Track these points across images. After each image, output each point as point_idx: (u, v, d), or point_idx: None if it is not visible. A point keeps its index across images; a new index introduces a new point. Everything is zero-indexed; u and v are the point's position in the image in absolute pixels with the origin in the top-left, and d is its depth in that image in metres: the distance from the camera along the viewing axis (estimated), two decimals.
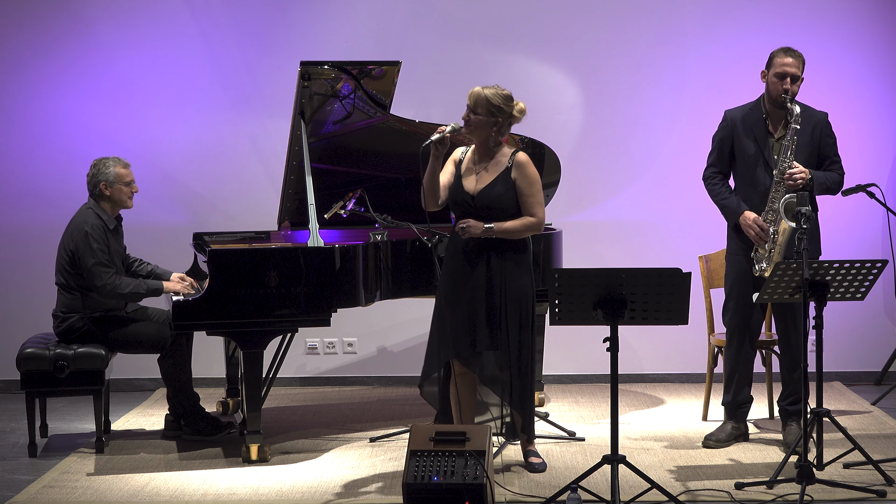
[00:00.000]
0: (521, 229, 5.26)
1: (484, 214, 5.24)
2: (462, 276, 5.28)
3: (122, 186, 6.04)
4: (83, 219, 5.98)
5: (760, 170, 5.73)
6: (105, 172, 6.02)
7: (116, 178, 6.02)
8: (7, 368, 6.90)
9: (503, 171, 5.27)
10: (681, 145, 7.40)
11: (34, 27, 7.37)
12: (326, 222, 6.26)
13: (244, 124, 7.44)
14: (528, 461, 5.47)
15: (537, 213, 5.27)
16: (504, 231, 5.23)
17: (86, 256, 5.87)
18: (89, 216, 5.97)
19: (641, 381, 7.48)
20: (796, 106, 5.61)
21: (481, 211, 5.24)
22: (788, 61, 5.64)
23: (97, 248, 5.88)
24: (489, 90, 5.22)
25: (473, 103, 5.23)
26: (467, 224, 5.21)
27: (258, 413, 5.67)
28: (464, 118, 5.26)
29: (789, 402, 5.87)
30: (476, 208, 5.25)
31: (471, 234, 5.22)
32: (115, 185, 6.02)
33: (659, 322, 4.81)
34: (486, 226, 5.21)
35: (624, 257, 7.32)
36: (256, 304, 5.57)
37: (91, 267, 5.86)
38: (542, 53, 7.43)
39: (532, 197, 5.27)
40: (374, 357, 7.58)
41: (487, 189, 5.25)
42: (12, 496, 5.20)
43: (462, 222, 5.23)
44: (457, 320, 5.28)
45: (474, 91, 5.23)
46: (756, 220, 5.68)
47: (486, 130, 5.25)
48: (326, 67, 5.99)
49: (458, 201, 5.29)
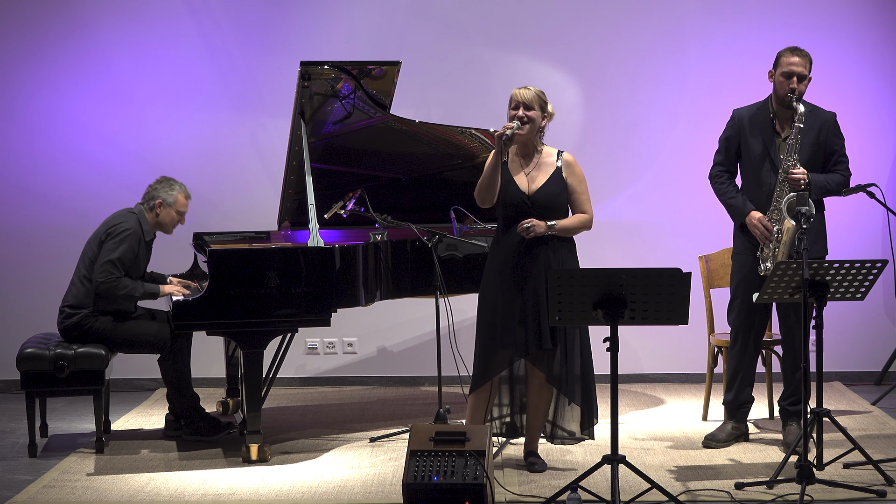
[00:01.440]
0: (579, 226, 5.35)
1: (540, 214, 5.28)
2: (520, 276, 5.27)
3: (174, 213, 6.09)
4: (129, 219, 6.00)
5: (766, 169, 5.73)
6: (169, 193, 6.08)
7: (175, 203, 6.08)
8: (7, 368, 6.90)
9: (554, 171, 5.33)
10: (681, 145, 7.40)
11: (34, 27, 7.37)
12: (326, 222, 6.26)
13: (244, 124, 7.44)
14: (528, 461, 5.48)
15: (588, 209, 5.38)
16: (564, 228, 5.30)
17: (108, 252, 5.90)
18: (130, 220, 5.99)
19: (641, 381, 7.48)
20: (801, 105, 5.61)
21: (538, 210, 5.28)
22: (795, 60, 5.65)
23: (123, 250, 5.90)
24: (533, 88, 5.30)
25: (528, 101, 5.27)
26: (532, 224, 5.23)
27: (258, 413, 5.67)
28: (518, 117, 5.25)
29: (790, 402, 5.86)
30: (533, 208, 5.28)
31: (535, 233, 5.24)
32: (169, 208, 6.07)
33: (659, 322, 4.81)
34: (549, 223, 5.25)
35: (624, 257, 7.32)
36: (256, 304, 5.57)
37: (104, 262, 5.88)
38: (542, 53, 7.43)
39: (584, 195, 5.37)
40: (374, 357, 7.58)
41: (544, 189, 5.30)
42: (12, 496, 5.19)
43: (526, 222, 5.23)
44: (523, 318, 5.26)
45: (521, 91, 5.28)
46: (761, 220, 5.68)
47: (536, 128, 5.32)
48: (326, 67, 5.99)
49: (513, 202, 5.30)
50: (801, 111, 5.60)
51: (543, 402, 5.45)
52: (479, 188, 5.34)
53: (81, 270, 5.98)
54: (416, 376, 7.54)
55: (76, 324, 5.91)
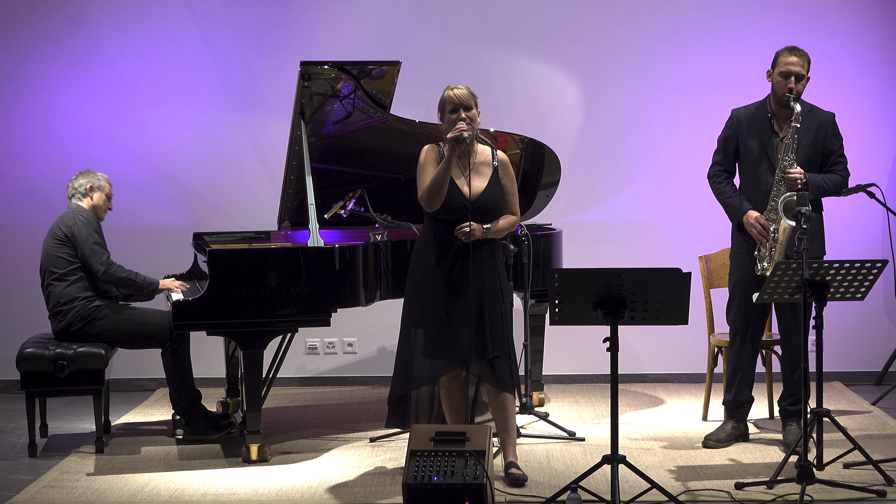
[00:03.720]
0: (509, 228, 5.30)
1: (481, 218, 5.19)
2: (459, 281, 5.17)
3: (103, 195, 6.21)
4: (75, 210, 6.09)
5: (764, 169, 5.73)
6: (94, 178, 6.20)
7: (102, 187, 6.20)
8: (7, 368, 6.90)
9: (493, 173, 5.24)
10: (681, 145, 7.40)
11: (35, 27, 7.37)
12: (326, 222, 6.26)
13: (244, 124, 7.44)
14: (508, 472, 5.28)
15: (517, 210, 5.34)
16: (498, 231, 5.24)
17: (85, 239, 5.97)
18: (80, 210, 6.09)
19: (641, 381, 7.48)
20: (798, 105, 5.61)
21: (479, 214, 5.19)
22: (793, 60, 5.64)
23: (93, 230, 6.01)
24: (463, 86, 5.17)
25: (465, 100, 5.12)
26: (471, 227, 5.14)
27: (258, 413, 5.67)
28: (464, 118, 5.12)
29: (790, 402, 5.86)
30: (475, 212, 5.18)
31: (475, 237, 5.15)
32: (100, 192, 6.18)
33: (659, 322, 4.81)
34: (485, 227, 5.18)
35: (624, 257, 7.32)
36: (256, 304, 5.57)
37: (92, 246, 5.96)
38: (542, 54, 7.43)
39: (515, 196, 5.31)
40: (374, 357, 7.58)
41: (487, 194, 5.21)
42: (12, 496, 5.19)
43: (465, 226, 5.13)
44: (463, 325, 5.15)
45: (455, 92, 5.13)
46: (758, 219, 5.68)
47: (476, 125, 5.21)
48: (326, 67, 5.99)
49: (455, 206, 5.17)
50: (798, 110, 5.60)
51: (504, 410, 5.26)
52: (428, 193, 5.14)
53: (55, 272, 6.00)
54: None
55: (77, 316, 5.92)
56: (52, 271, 6.00)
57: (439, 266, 5.21)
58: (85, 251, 5.96)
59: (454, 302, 5.19)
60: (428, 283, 5.23)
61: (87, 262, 5.96)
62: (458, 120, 5.12)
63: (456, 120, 5.13)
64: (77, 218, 6.01)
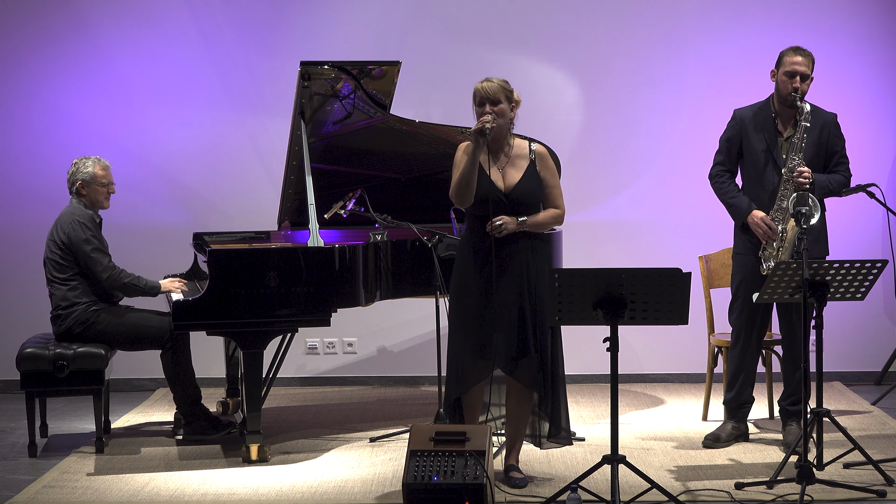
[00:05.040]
0: (550, 222, 5.19)
1: (518, 211, 5.10)
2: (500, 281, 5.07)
3: (98, 187, 6.09)
4: (71, 211, 6.05)
5: (769, 169, 5.73)
6: (83, 172, 6.08)
7: (93, 179, 6.08)
8: (7, 368, 6.90)
9: (529, 165, 5.15)
10: (681, 145, 7.40)
11: (34, 27, 7.37)
12: (326, 222, 6.26)
13: (244, 124, 7.44)
14: (508, 475, 5.24)
15: (561, 204, 5.20)
16: (535, 225, 5.12)
17: (82, 244, 5.93)
18: (77, 209, 6.04)
19: (641, 381, 7.48)
20: (806, 104, 5.61)
21: (514, 207, 5.10)
22: (798, 60, 5.64)
23: (91, 235, 5.95)
24: (496, 79, 5.11)
25: (492, 94, 5.05)
26: (503, 221, 5.05)
27: (258, 413, 5.67)
28: (488, 112, 5.04)
29: (790, 402, 5.86)
30: (510, 205, 5.10)
31: (507, 231, 5.05)
32: (92, 185, 6.08)
33: (659, 322, 4.81)
34: (520, 220, 5.08)
35: (624, 257, 7.32)
36: (256, 304, 5.57)
37: (91, 253, 5.92)
38: (542, 53, 7.43)
39: (557, 188, 5.19)
40: (374, 357, 7.58)
41: (521, 185, 5.11)
42: (12, 496, 5.19)
43: (497, 220, 5.04)
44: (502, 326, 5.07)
45: (483, 85, 5.07)
46: (763, 219, 5.67)
47: (506, 119, 5.11)
48: (326, 67, 5.99)
49: (489, 199, 5.08)
50: (807, 110, 5.60)
51: (524, 412, 5.25)
52: (457, 188, 5.08)
53: (54, 275, 5.99)
54: (416, 376, 7.54)
55: (78, 320, 5.92)
56: (52, 273, 6.00)
57: (475, 264, 5.13)
58: (84, 260, 5.94)
59: (489, 303, 5.09)
60: (466, 283, 5.16)
61: (88, 270, 5.95)
62: (485, 113, 5.05)
63: (482, 114, 5.06)
64: (73, 223, 5.96)
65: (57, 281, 5.98)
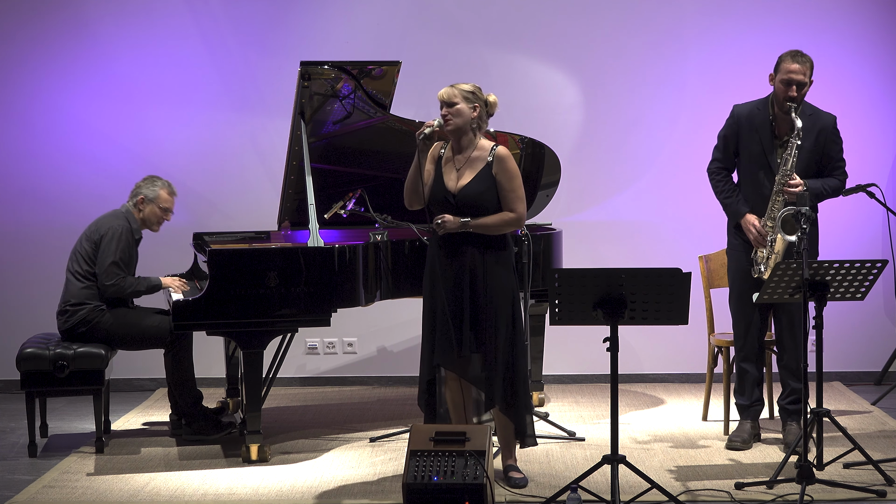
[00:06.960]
0: (499, 224, 5.13)
1: (465, 212, 5.11)
2: (444, 278, 5.14)
3: (156, 208, 6.14)
4: (118, 217, 6.07)
5: (763, 172, 5.73)
6: (151, 189, 6.13)
7: (156, 199, 6.12)
8: (7, 368, 6.90)
9: (484, 166, 5.14)
10: (681, 145, 7.40)
11: (34, 27, 7.37)
12: (326, 222, 6.26)
13: (244, 124, 7.44)
14: (507, 475, 5.26)
15: (517, 208, 5.14)
16: (481, 226, 5.11)
17: (107, 254, 5.95)
18: (122, 220, 6.06)
19: (641, 381, 7.48)
20: (798, 120, 5.57)
21: (463, 209, 5.12)
22: (795, 68, 5.59)
23: (121, 249, 5.97)
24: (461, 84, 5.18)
25: (447, 97, 5.13)
26: (443, 219, 5.09)
27: (258, 413, 5.67)
28: (442, 114, 5.14)
29: (789, 401, 5.86)
30: (457, 206, 5.13)
31: (447, 230, 5.09)
32: (152, 204, 6.12)
33: (659, 322, 4.81)
34: (463, 220, 5.09)
35: (624, 257, 7.32)
36: (256, 304, 5.57)
37: (108, 265, 5.94)
38: (542, 53, 7.43)
39: (512, 192, 5.14)
40: (374, 357, 7.58)
41: (469, 187, 5.13)
42: (12, 496, 5.20)
43: (438, 217, 5.11)
44: (443, 323, 5.15)
45: (442, 91, 5.15)
46: (755, 225, 5.68)
47: (465, 120, 5.13)
48: (326, 67, 5.99)
49: (438, 199, 5.16)
50: (798, 126, 5.57)
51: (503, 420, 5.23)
52: (405, 190, 5.24)
53: (75, 267, 6.01)
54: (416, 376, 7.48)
55: (83, 320, 5.92)
56: (76, 264, 6.01)
57: (435, 262, 5.20)
58: (101, 264, 5.95)
59: (439, 298, 5.17)
60: (427, 278, 5.25)
61: (99, 274, 5.95)
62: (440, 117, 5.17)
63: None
64: (113, 229, 5.99)
65: (77, 274, 5.97)
